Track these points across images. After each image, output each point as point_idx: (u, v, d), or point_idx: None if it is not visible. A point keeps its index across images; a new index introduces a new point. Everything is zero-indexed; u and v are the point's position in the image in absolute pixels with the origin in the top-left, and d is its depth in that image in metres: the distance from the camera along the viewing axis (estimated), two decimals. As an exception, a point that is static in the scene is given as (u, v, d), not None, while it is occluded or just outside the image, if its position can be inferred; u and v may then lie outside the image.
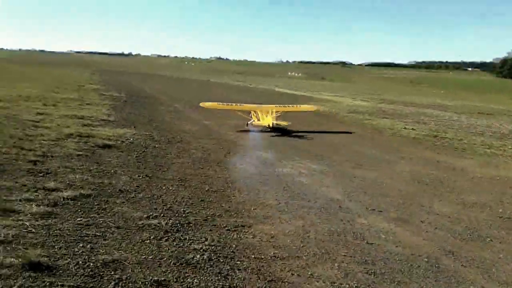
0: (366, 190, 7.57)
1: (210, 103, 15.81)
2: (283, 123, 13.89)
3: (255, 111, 14.57)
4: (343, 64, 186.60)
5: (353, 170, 8.98)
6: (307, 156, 9.97)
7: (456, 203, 7.17)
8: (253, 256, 4.79)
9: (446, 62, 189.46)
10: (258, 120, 14.15)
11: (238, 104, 15.50)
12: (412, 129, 14.98)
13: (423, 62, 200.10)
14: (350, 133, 14.13)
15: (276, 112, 14.48)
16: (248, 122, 14.29)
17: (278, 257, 4.79)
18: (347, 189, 7.59)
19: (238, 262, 4.63)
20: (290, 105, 17.07)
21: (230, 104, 15.70)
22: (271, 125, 13.64)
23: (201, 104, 15.50)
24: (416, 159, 10.35)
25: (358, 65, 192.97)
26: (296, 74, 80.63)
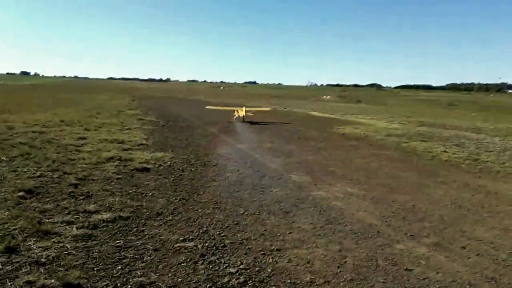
0: (404, 215, 7.39)
1: (212, 106, 30.96)
2: (251, 115, 24.98)
3: (236, 109, 25.30)
4: (378, 86, 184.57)
5: (390, 194, 8.80)
6: (342, 180, 9.88)
7: (498, 229, 6.88)
8: (288, 281, 4.74)
9: (486, 84, 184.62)
10: (238, 113, 24.60)
11: (228, 107, 28.60)
12: (452, 152, 14.58)
13: (461, 84, 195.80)
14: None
15: (247, 110, 24.96)
16: (234, 116, 24.63)
17: (314, 283, 4.73)
18: (385, 213, 7.44)
19: (274, 287, 4.60)
20: (254, 107, 30.12)
21: (224, 106, 30.00)
22: (244, 115, 24.07)
23: (206, 107, 30.48)
24: (456, 184, 10.03)
25: (394, 88, 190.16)
26: (330, 97, 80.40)
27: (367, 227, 6.67)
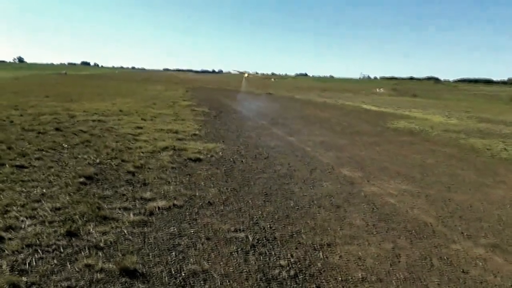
0: (461, 215, 7.11)
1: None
2: (251, 77, 71.38)
3: (244, 77, 70.53)
4: (436, 80, 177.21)
5: (446, 193, 8.49)
6: (396, 176, 9.63)
7: None
8: (339, 277, 4.70)
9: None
10: (245, 78, 68.25)
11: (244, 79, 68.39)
12: (514, 150, 13.84)
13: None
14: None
15: (249, 75, 70.43)
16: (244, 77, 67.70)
17: (365, 280, 4.65)
18: (440, 212, 7.19)
19: (324, 282, 4.57)
20: (254, 73, 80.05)
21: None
22: (246, 76, 75.06)
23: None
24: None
25: (453, 81, 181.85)
26: (383, 91, 78.27)
27: (422, 225, 6.48)
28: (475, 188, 8.96)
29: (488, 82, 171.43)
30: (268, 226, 6.13)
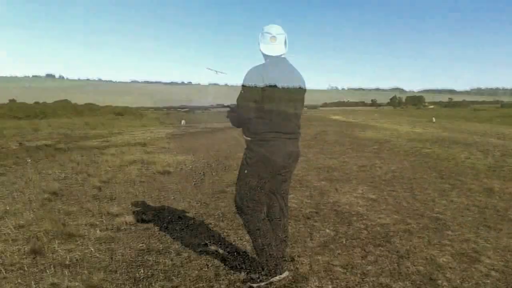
0: (427, 222, 7.25)
1: None
2: None
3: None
4: (401, 90, 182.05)
5: (412, 201, 8.67)
6: (363, 185, 9.78)
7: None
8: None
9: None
10: None
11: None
12: (476, 158, 14.31)
13: (486, 88, 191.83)
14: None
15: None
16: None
17: (335, 290, 4.68)
18: (407, 220, 7.32)
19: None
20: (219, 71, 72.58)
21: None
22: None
23: None
24: (477, 189, 9.81)
25: (418, 92, 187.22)
26: (351, 101, 79.68)
27: (388, 233, 6.58)
28: (440, 196, 9.17)
29: (452, 92, 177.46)
30: (239, 239, 6.10)
